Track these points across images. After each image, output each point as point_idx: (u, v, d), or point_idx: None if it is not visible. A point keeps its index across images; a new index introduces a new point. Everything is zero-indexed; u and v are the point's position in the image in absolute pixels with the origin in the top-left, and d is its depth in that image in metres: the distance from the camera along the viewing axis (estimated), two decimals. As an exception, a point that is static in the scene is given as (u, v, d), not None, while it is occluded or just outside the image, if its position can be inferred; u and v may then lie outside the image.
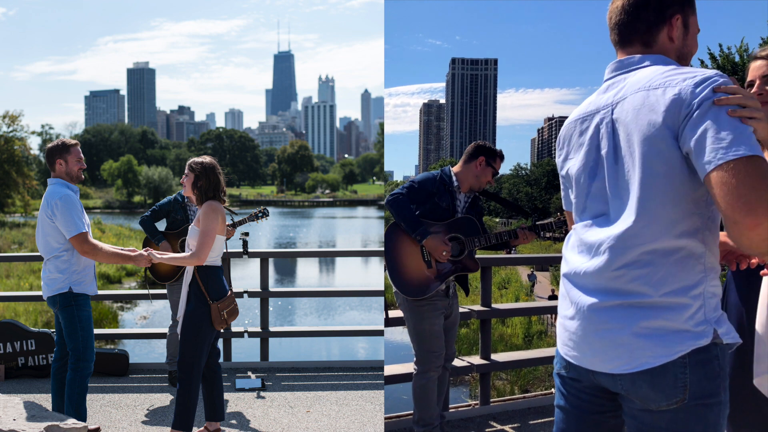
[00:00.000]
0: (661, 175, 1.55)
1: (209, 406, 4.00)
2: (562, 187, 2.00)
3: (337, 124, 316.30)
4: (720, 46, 23.98)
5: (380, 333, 6.35)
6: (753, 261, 2.12)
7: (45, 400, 4.59)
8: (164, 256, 3.89)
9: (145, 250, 3.95)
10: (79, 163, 3.94)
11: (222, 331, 4.52)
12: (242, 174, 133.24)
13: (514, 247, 3.99)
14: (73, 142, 3.96)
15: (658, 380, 1.59)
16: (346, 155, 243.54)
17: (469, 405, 4.99)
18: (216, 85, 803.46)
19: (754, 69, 2.34)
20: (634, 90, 1.64)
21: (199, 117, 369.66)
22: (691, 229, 1.57)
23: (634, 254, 1.60)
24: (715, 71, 1.53)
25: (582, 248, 1.76)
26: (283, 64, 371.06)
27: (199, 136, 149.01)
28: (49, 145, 3.93)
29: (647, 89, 1.60)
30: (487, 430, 4.39)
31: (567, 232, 2.08)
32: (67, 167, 3.89)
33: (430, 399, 3.83)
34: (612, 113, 1.69)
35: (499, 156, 3.93)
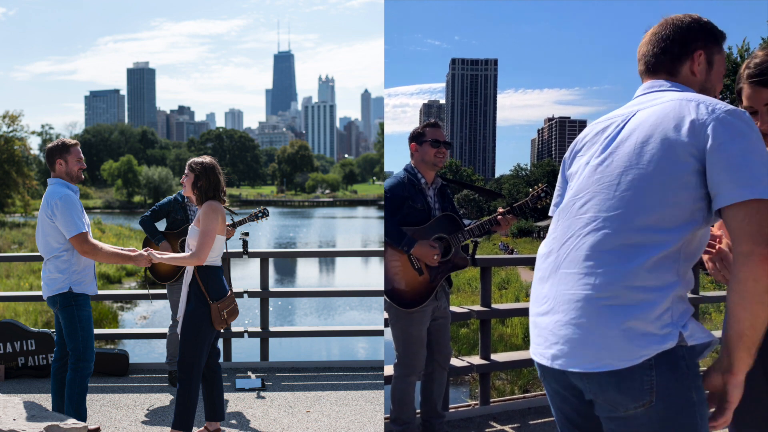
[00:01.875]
0: (664, 180, 1.61)
1: (209, 406, 4.00)
2: (559, 188, 2.00)
3: (337, 124, 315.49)
4: (721, 46, 24.02)
5: (380, 333, 6.34)
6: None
7: (45, 400, 4.59)
8: (164, 256, 3.89)
9: (145, 250, 3.95)
10: (79, 163, 3.94)
11: (222, 331, 4.51)
12: (242, 174, 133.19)
13: (495, 232, 3.93)
14: (73, 142, 3.96)
15: (625, 384, 1.60)
16: (346, 155, 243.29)
17: (469, 405, 4.98)
18: (216, 85, 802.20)
19: (753, 95, 2.13)
20: (664, 101, 1.70)
21: (199, 117, 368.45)
22: (676, 237, 1.61)
23: (615, 244, 1.64)
24: (743, 111, 1.61)
25: (555, 241, 1.80)
26: (283, 64, 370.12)
27: (199, 136, 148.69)
28: (49, 145, 3.93)
29: (680, 100, 1.67)
30: (487, 430, 4.39)
31: (544, 208, 2.06)
32: (67, 167, 3.89)
33: (409, 401, 3.87)
34: (633, 115, 1.75)
35: (428, 126, 3.90)
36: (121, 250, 3.96)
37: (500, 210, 3.80)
